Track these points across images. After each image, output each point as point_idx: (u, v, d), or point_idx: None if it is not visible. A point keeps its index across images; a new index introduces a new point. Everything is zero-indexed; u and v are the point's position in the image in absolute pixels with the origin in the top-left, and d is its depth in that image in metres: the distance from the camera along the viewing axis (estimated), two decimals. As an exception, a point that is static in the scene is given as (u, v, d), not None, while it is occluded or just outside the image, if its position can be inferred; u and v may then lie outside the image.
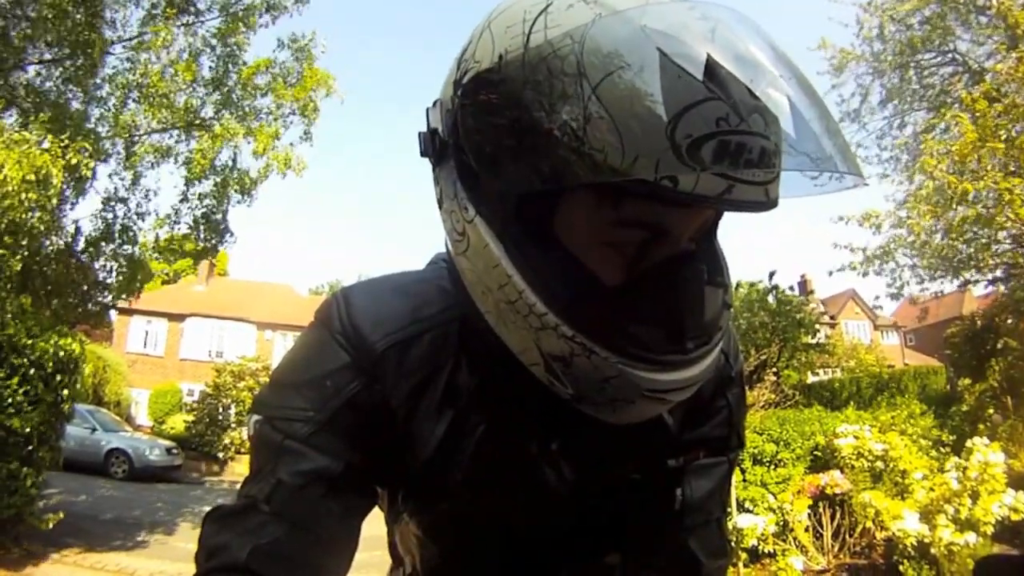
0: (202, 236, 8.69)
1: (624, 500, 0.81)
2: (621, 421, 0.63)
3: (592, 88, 0.47)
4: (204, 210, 8.53)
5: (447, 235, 0.66)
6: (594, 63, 0.48)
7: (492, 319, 0.62)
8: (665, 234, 0.56)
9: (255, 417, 0.70)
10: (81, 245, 8.16)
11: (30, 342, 5.50)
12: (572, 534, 0.82)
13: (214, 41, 8.23)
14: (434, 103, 0.63)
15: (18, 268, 6.46)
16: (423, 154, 0.65)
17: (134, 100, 7.89)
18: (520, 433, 0.73)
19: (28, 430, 5.38)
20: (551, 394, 0.64)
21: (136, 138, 7.98)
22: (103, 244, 8.18)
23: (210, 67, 8.29)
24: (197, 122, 8.17)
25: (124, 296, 8.73)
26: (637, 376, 0.57)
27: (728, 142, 0.47)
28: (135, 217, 8.37)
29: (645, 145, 0.46)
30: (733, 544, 5.83)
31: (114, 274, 8.48)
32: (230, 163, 8.46)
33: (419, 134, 0.65)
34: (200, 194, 8.44)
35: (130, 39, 7.90)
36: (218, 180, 8.40)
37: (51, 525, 5.77)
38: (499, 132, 0.53)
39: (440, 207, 0.65)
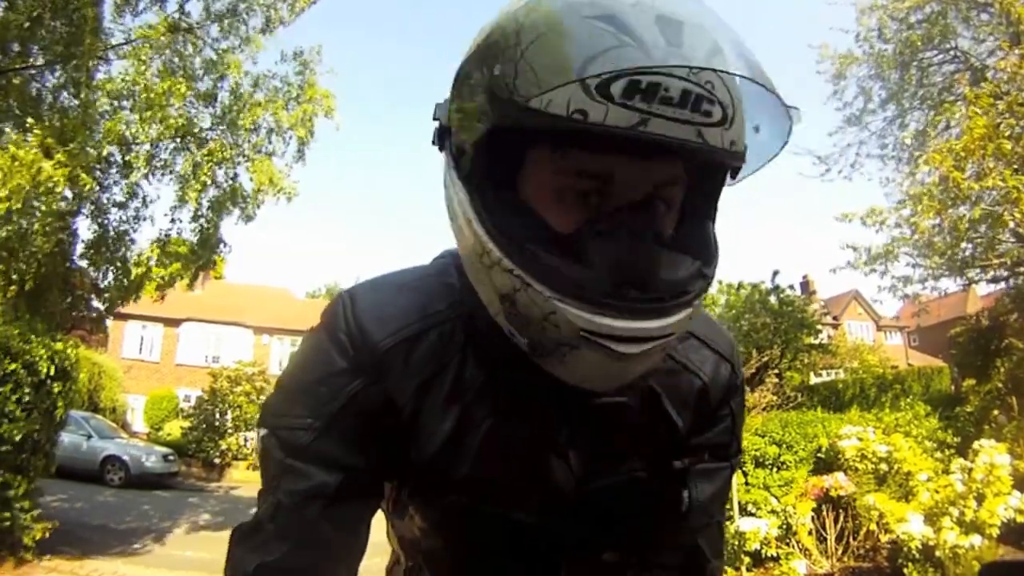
0: (198, 252, 8.63)
1: (629, 498, 0.82)
2: (576, 380, 0.66)
3: (523, 50, 0.56)
4: (203, 227, 8.45)
5: (448, 214, 0.71)
6: (527, 31, 0.57)
7: (472, 278, 0.68)
8: (610, 181, 0.61)
9: (262, 431, 0.74)
10: (79, 250, 8.11)
11: (24, 347, 5.42)
12: (576, 529, 0.83)
13: (213, 55, 8.14)
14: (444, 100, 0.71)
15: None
16: (433, 143, 0.71)
17: (128, 110, 7.80)
18: (526, 428, 0.75)
19: (20, 438, 5.30)
20: (558, 389, 0.68)
21: (132, 148, 7.89)
22: (102, 248, 8.10)
23: (200, 79, 8.19)
24: (193, 133, 8.08)
25: (122, 300, 8.65)
26: (572, 313, 0.59)
27: (639, 81, 0.54)
28: (132, 222, 8.31)
29: (562, 82, 0.54)
30: (736, 548, 5.82)
31: (110, 276, 8.41)
32: (228, 180, 8.39)
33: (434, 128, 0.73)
34: (198, 212, 8.36)
35: (122, 44, 7.81)
36: (217, 196, 8.32)
37: (47, 534, 5.69)
38: (464, 103, 0.64)
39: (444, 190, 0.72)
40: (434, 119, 0.70)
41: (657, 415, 0.79)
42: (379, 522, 0.93)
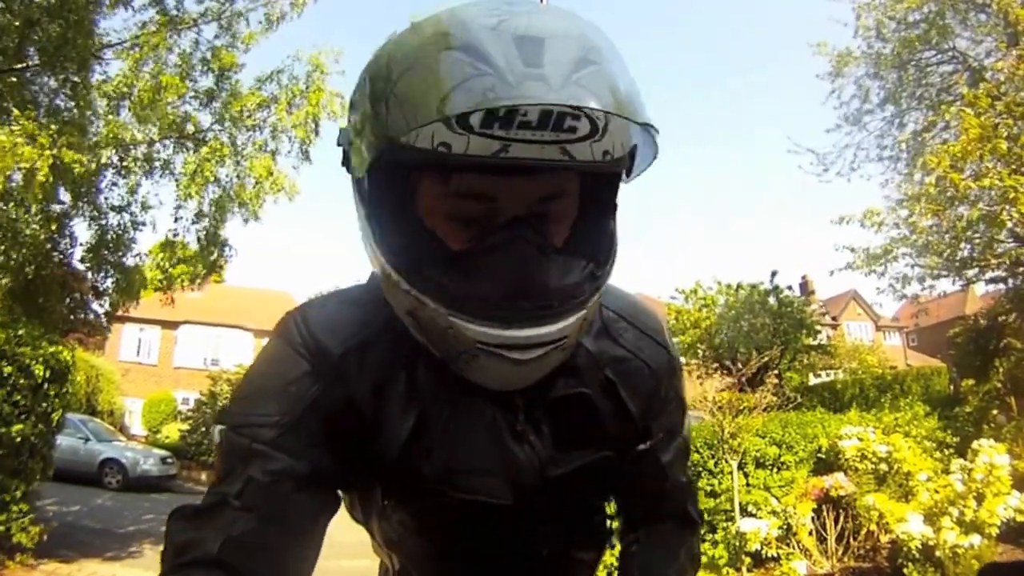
0: (204, 254, 8.58)
1: (601, 478, 0.87)
2: (484, 382, 0.70)
3: (391, 88, 0.59)
4: (207, 228, 8.39)
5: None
6: (395, 67, 0.60)
7: (386, 295, 0.72)
8: (494, 201, 0.65)
9: (219, 428, 0.75)
10: (78, 253, 8.07)
11: (19, 350, 5.40)
12: (551, 511, 0.86)
13: (208, 55, 8.08)
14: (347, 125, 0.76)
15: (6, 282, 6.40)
16: (342, 165, 0.75)
17: (126, 109, 7.76)
18: (483, 419, 0.79)
19: (17, 441, 5.27)
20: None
21: (130, 148, 7.85)
22: (102, 252, 8.07)
23: (196, 79, 8.14)
24: (190, 134, 8.03)
25: (124, 304, 8.61)
26: (466, 328, 0.64)
27: (495, 109, 0.57)
28: (130, 227, 8.27)
29: (424, 121, 0.56)
30: (736, 548, 5.81)
31: (109, 281, 8.38)
32: (230, 180, 8.34)
33: None
34: (201, 212, 8.30)
35: (119, 44, 7.77)
36: (218, 196, 8.27)
37: (45, 537, 5.66)
38: (354, 133, 0.67)
39: None
40: (338, 144, 0.72)
41: (614, 402, 0.84)
42: (352, 522, 0.98)
